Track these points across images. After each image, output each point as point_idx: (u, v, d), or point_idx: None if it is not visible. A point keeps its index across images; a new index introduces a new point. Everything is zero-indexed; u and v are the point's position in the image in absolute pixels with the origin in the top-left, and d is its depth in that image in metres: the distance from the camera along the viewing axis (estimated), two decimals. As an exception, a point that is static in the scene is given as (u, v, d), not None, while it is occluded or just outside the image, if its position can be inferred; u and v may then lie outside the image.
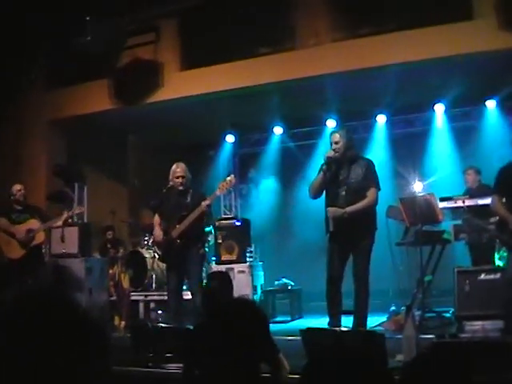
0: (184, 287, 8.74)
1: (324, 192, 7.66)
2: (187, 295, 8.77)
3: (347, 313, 7.46)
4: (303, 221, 11.91)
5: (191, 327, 7.96)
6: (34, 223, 9.46)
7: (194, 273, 8.35)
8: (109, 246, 11.90)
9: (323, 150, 7.87)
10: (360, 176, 7.46)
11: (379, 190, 7.56)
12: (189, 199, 8.33)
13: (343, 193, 7.46)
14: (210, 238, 11.68)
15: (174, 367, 6.14)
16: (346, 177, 7.51)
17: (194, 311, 8.38)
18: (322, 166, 7.54)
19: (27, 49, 11.72)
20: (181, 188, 8.36)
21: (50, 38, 11.59)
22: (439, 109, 11.64)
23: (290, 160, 13.12)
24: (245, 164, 14.13)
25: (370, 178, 7.52)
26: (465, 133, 11.73)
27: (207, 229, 11.14)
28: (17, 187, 9.81)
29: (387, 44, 9.54)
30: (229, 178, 8.34)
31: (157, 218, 8.67)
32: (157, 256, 8.85)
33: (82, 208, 10.01)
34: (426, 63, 9.57)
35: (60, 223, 9.64)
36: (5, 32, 11.00)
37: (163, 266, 9.62)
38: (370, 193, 7.45)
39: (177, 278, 8.40)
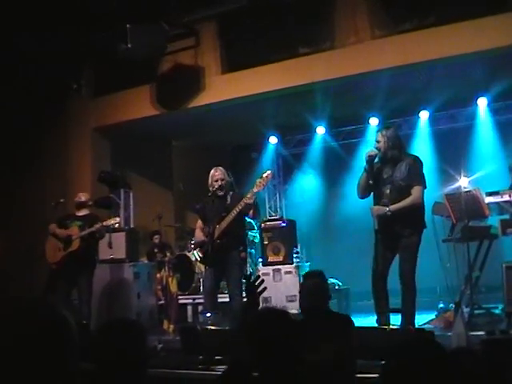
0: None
1: (372, 192, 7.63)
2: (225, 297, 8.80)
3: (396, 311, 7.41)
4: (349, 220, 11.87)
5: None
6: (74, 230, 9.57)
7: (233, 276, 8.34)
8: (156, 250, 12.01)
9: (366, 148, 7.82)
10: (405, 174, 7.36)
11: (425, 187, 7.41)
12: (229, 201, 8.35)
13: (387, 191, 7.39)
14: (256, 240, 11.72)
15: (223, 369, 6.16)
16: (391, 175, 7.43)
17: (230, 315, 8.41)
18: (364, 165, 7.53)
19: (72, 57, 11.88)
20: (220, 192, 8.38)
21: (93, 47, 11.73)
22: (482, 103, 11.51)
23: (333, 159, 13.08)
24: (289, 165, 14.15)
25: (415, 175, 7.40)
26: (510, 126, 11.58)
27: (252, 232, 11.19)
28: (80, 193, 9.97)
29: (429, 39, 9.46)
30: (265, 174, 8.28)
31: (199, 223, 8.72)
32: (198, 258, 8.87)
33: (116, 219, 10.08)
34: (469, 57, 9.46)
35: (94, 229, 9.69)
36: (51, 42, 11.17)
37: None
38: (415, 190, 7.33)
39: (213, 279, 8.40)
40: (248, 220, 9.25)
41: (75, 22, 10.91)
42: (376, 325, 7.29)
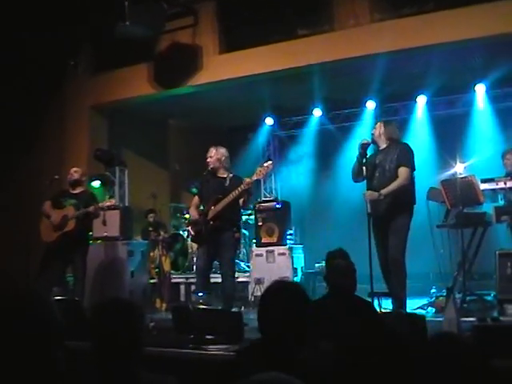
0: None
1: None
2: (217, 278, 8.83)
3: (385, 295, 7.45)
4: (343, 203, 11.87)
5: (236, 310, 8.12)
6: (70, 210, 9.54)
7: (226, 257, 8.38)
8: (150, 229, 12.00)
9: (362, 131, 7.89)
10: (394, 158, 7.54)
11: (413, 169, 7.60)
12: (227, 183, 8.35)
13: (377, 174, 7.55)
14: (250, 221, 11.75)
15: (214, 349, 6.19)
16: (382, 160, 7.62)
17: (222, 295, 8.45)
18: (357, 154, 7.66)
19: (69, 35, 11.82)
20: (211, 166, 8.39)
21: (90, 24, 11.68)
22: (480, 89, 11.49)
23: (329, 142, 13.06)
24: (284, 146, 14.14)
25: (403, 157, 7.59)
26: (507, 114, 11.56)
27: (247, 212, 11.20)
28: (73, 170, 9.90)
29: (428, 24, 9.43)
30: (266, 164, 8.31)
31: (195, 200, 8.74)
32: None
33: (112, 201, 10.07)
34: (468, 43, 9.43)
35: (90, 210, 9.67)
36: (47, 19, 11.12)
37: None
38: (402, 171, 7.51)
39: (206, 259, 8.43)
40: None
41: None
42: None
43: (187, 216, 11.26)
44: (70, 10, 11.13)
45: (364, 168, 7.61)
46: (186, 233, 11.10)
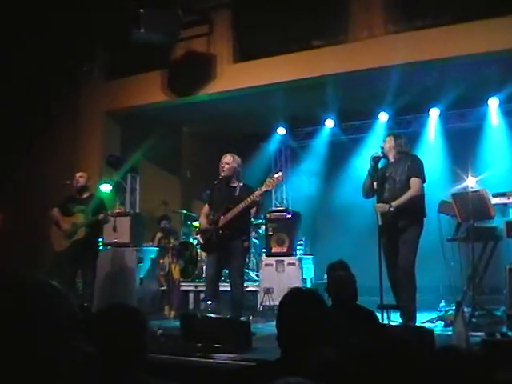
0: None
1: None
2: (226, 287, 8.83)
3: (395, 307, 7.43)
4: (354, 214, 11.83)
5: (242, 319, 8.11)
6: (79, 218, 9.58)
7: (235, 265, 8.39)
8: (160, 235, 12.00)
9: (374, 143, 7.89)
10: (405, 170, 7.53)
11: (424, 181, 7.60)
12: (237, 193, 8.36)
13: (388, 186, 7.54)
14: (260, 230, 11.74)
15: (221, 357, 6.18)
16: (392, 172, 7.62)
17: (231, 303, 8.44)
18: (369, 168, 7.66)
19: (84, 40, 11.87)
20: (223, 174, 8.38)
21: (105, 30, 11.73)
22: (493, 103, 11.46)
23: (341, 153, 13.05)
24: (296, 156, 14.13)
25: (413, 169, 7.60)
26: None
27: (257, 221, 11.20)
28: (78, 175, 9.93)
29: (443, 37, 9.41)
30: (276, 176, 8.32)
31: (205, 208, 8.76)
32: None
33: (121, 208, 10.11)
34: (482, 57, 9.42)
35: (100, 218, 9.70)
36: (62, 25, 11.18)
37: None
38: (413, 183, 7.52)
39: (215, 267, 8.45)
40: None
41: (89, 4, 10.91)
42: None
43: (196, 224, 11.29)
44: (86, 16, 11.19)
45: (375, 183, 7.62)
46: (195, 241, 11.09)
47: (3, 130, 11.73)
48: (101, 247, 10.73)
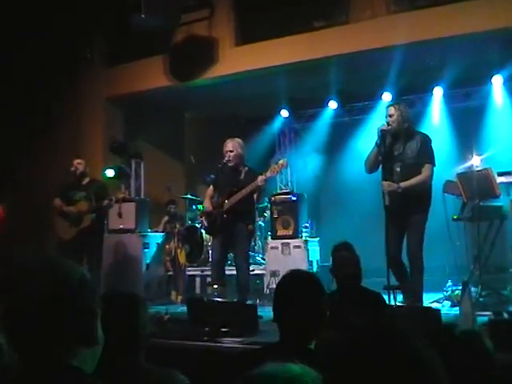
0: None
1: (380, 167, 7.62)
2: (232, 270, 8.85)
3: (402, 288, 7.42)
4: (360, 196, 11.81)
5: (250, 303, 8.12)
6: (83, 205, 9.58)
7: (240, 248, 8.43)
8: (166, 220, 12.01)
9: (378, 123, 7.78)
10: (415, 152, 7.40)
11: (434, 165, 7.45)
12: (242, 176, 8.38)
13: (398, 168, 7.40)
14: (266, 213, 11.74)
15: (229, 341, 6.20)
16: (401, 152, 7.46)
17: (237, 287, 8.47)
18: (376, 140, 7.52)
19: (86, 26, 11.85)
20: (230, 164, 8.42)
21: (106, 16, 11.70)
22: (497, 82, 11.38)
23: (345, 134, 13.00)
24: (299, 139, 14.08)
25: (426, 153, 7.43)
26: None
27: (262, 205, 11.20)
28: (76, 162, 9.92)
29: (445, 16, 9.35)
30: (281, 162, 8.37)
31: (210, 191, 8.80)
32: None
33: (125, 192, 10.12)
34: (486, 34, 9.35)
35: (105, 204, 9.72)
36: (64, 10, 11.15)
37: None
38: (425, 169, 7.37)
39: (220, 251, 8.49)
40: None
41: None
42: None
43: (200, 206, 11.31)
44: (86, 2, 11.16)
45: (381, 157, 7.52)
46: (200, 224, 11.10)
47: (5, 119, 11.71)
48: (106, 234, 10.75)
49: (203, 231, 10.63)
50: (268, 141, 13.59)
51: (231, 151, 8.45)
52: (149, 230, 11.52)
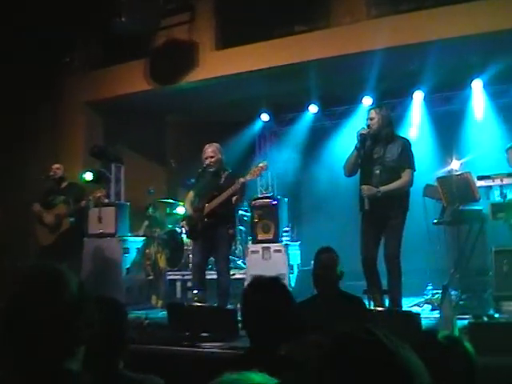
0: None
1: (359, 170, 7.62)
2: (213, 275, 8.84)
3: (383, 292, 7.42)
4: (340, 199, 11.82)
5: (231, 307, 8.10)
6: (62, 208, 9.55)
7: (221, 253, 8.43)
8: (146, 224, 11.97)
9: (358, 128, 7.78)
10: (395, 155, 7.39)
11: (414, 170, 7.45)
12: (222, 181, 8.39)
13: (377, 171, 7.39)
14: (246, 218, 11.73)
15: (209, 346, 6.18)
16: (382, 155, 7.44)
17: (218, 291, 8.46)
18: (356, 143, 7.52)
19: (65, 31, 11.79)
20: (211, 169, 8.44)
21: (86, 20, 11.66)
22: (477, 86, 11.42)
23: (325, 138, 13.03)
24: (280, 142, 14.07)
25: (406, 158, 7.43)
26: (504, 110, 11.51)
27: (243, 208, 11.19)
28: (54, 167, 9.92)
29: (425, 20, 9.41)
30: (261, 164, 8.38)
31: (190, 196, 8.80)
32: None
33: (102, 191, 10.09)
34: (466, 39, 9.40)
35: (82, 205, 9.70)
36: (43, 15, 11.10)
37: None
38: (406, 173, 7.37)
39: (201, 255, 8.49)
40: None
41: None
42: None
43: (179, 210, 11.30)
44: (66, 6, 11.11)
45: (360, 161, 7.52)
46: (180, 229, 11.07)
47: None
48: (85, 238, 10.72)
49: (184, 236, 10.59)
50: (248, 144, 13.57)
51: (212, 156, 8.46)
52: (129, 235, 11.46)
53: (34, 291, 2.01)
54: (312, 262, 5.94)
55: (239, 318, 6.82)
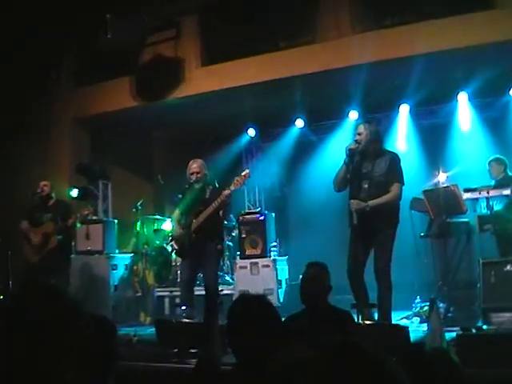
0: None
1: (348, 185, 7.62)
2: (201, 291, 8.82)
3: (372, 306, 7.41)
4: (328, 214, 11.83)
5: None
6: (49, 226, 9.53)
7: (209, 269, 8.42)
8: (134, 241, 11.95)
9: (345, 142, 7.80)
10: (384, 170, 7.39)
11: (403, 184, 7.45)
12: (208, 195, 8.39)
13: (366, 186, 7.39)
14: (234, 233, 11.73)
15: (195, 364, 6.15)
16: (370, 170, 7.45)
17: (205, 307, 8.43)
18: (345, 158, 7.51)
19: (52, 47, 11.79)
20: (196, 185, 8.46)
21: (73, 37, 11.67)
22: (463, 98, 11.46)
23: (312, 153, 13.05)
24: (267, 158, 14.07)
25: (394, 172, 7.43)
26: (490, 123, 11.56)
27: (230, 224, 11.19)
28: (42, 184, 9.89)
29: (409, 35, 9.46)
30: (243, 173, 8.38)
31: (176, 215, 8.79)
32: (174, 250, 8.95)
33: (90, 209, 10.08)
34: (450, 53, 9.47)
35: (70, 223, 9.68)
36: (30, 30, 11.10)
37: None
38: (394, 187, 7.37)
39: (190, 271, 8.48)
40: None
41: (56, 10, 10.84)
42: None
43: (166, 227, 11.31)
44: (54, 22, 11.12)
45: (349, 176, 7.51)
46: (170, 247, 11.04)
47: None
48: (73, 255, 10.68)
49: (174, 254, 10.57)
50: (235, 160, 13.56)
51: (198, 172, 8.49)
52: (117, 251, 11.43)
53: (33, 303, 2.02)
54: (300, 276, 5.94)
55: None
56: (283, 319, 5.18)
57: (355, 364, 1.55)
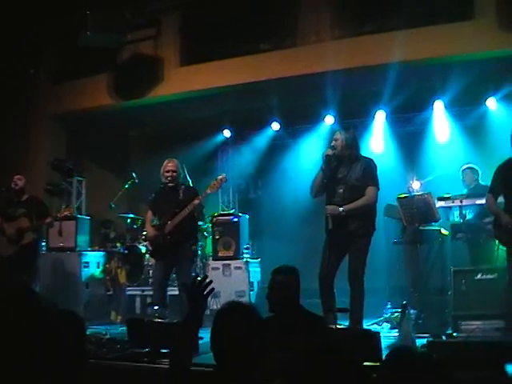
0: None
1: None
2: (174, 291, 8.82)
3: (343, 310, 7.43)
4: (301, 218, 11.87)
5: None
6: (24, 222, 9.46)
7: (183, 269, 8.44)
8: (107, 240, 11.91)
9: (320, 146, 7.84)
10: (359, 174, 7.41)
11: (378, 189, 7.48)
12: (181, 196, 8.39)
13: (341, 190, 7.41)
14: (206, 234, 11.71)
15: (169, 362, 6.14)
16: (345, 175, 7.47)
17: (180, 307, 8.43)
18: (321, 164, 7.53)
19: (31, 43, 11.72)
20: (170, 184, 8.45)
21: (52, 33, 11.60)
22: (439, 107, 11.53)
23: (287, 156, 13.07)
24: (242, 159, 14.05)
25: (369, 176, 7.45)
26: (466, 132, 11.63)
27: (204, 225, 11.19)
28: (16, 177, 9.80)
29: (388, 42, 9.50)
30: (220, 177, 8.41)
31: (149, 215, 8.78)
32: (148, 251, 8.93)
33: (70, 209, 10.04)
34: (426, 62, 9.56)
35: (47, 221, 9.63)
36: (9, 27, 11.02)
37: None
38: (369, 191, 7.39)
39: (163, 271, 8.48)
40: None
41: (36, 6, 10.77)
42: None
43: (138, 227, 11.29)
44: (32, 18, 11.05)
45: (325, 181, 7.52)
46: (143, 247, 11.01)
47: None
48: (44, 251, 10.62)
49: (148, 255, 10.55)
50: (210, 160, 13.54)
51: (174, 171, 8.47)
52: (89, 249, 11.37)
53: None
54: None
55: (199, 335, 6.81)
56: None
57: (336, 367, 1.57)
